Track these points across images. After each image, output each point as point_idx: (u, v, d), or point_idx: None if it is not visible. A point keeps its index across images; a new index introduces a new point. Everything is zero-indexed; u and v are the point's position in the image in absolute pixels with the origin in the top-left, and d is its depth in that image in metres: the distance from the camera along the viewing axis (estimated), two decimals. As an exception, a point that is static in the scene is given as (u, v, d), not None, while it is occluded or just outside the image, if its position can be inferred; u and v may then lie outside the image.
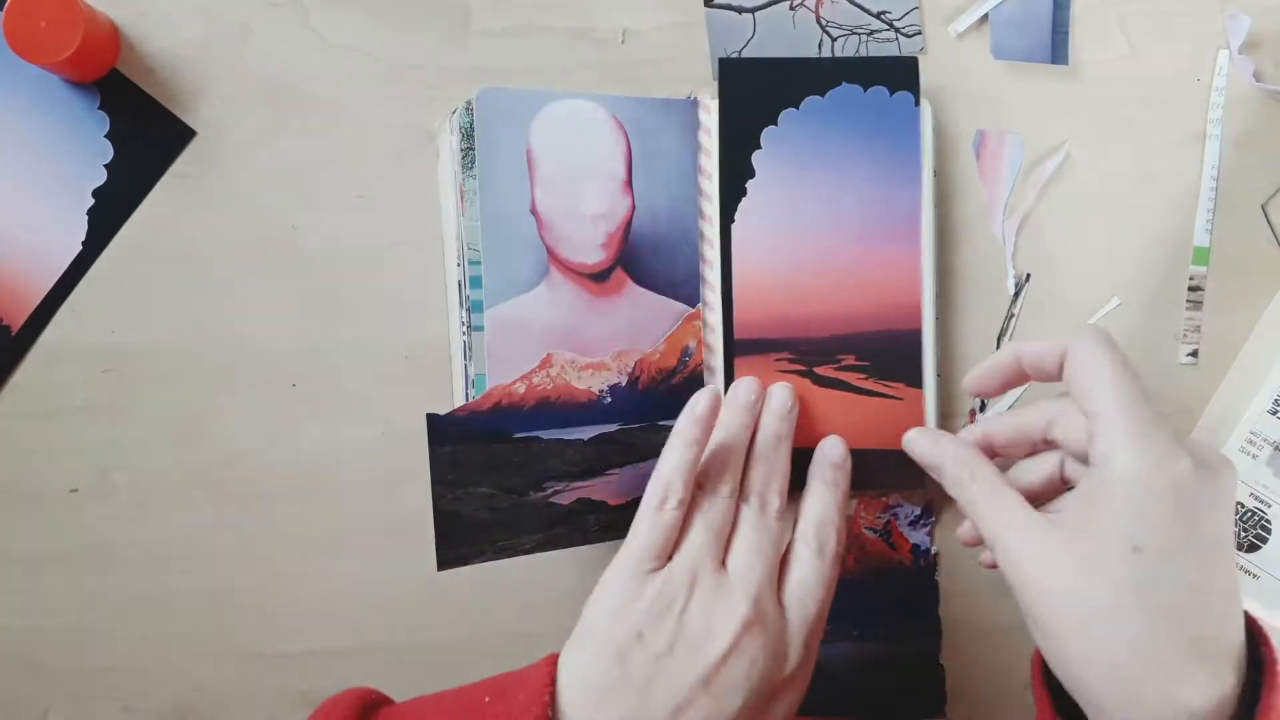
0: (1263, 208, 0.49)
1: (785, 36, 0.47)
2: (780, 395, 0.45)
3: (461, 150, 0.46)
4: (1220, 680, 0.34)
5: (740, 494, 0.42)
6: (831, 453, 0.45)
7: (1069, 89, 0.48)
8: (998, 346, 0.48)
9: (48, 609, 0.48)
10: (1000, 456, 0.42)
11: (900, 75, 0.45)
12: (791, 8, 0.47)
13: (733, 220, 0.46)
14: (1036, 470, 0.41)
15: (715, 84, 0.47)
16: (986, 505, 0.39)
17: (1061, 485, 0.41)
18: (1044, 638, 0.36)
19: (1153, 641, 0.34)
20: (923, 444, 0.42)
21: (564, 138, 0.46)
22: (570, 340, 0.46)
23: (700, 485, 0.41)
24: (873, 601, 0.48)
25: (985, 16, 0.48)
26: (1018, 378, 0.41)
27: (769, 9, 0.47)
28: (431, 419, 0.44)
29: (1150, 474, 0.35)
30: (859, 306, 0.46)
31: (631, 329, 0.46)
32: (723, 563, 0.40)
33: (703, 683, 0.37)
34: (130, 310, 0.47)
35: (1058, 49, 0.48)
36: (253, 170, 0.47)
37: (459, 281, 0.47)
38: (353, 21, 0.47)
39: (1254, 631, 0.36)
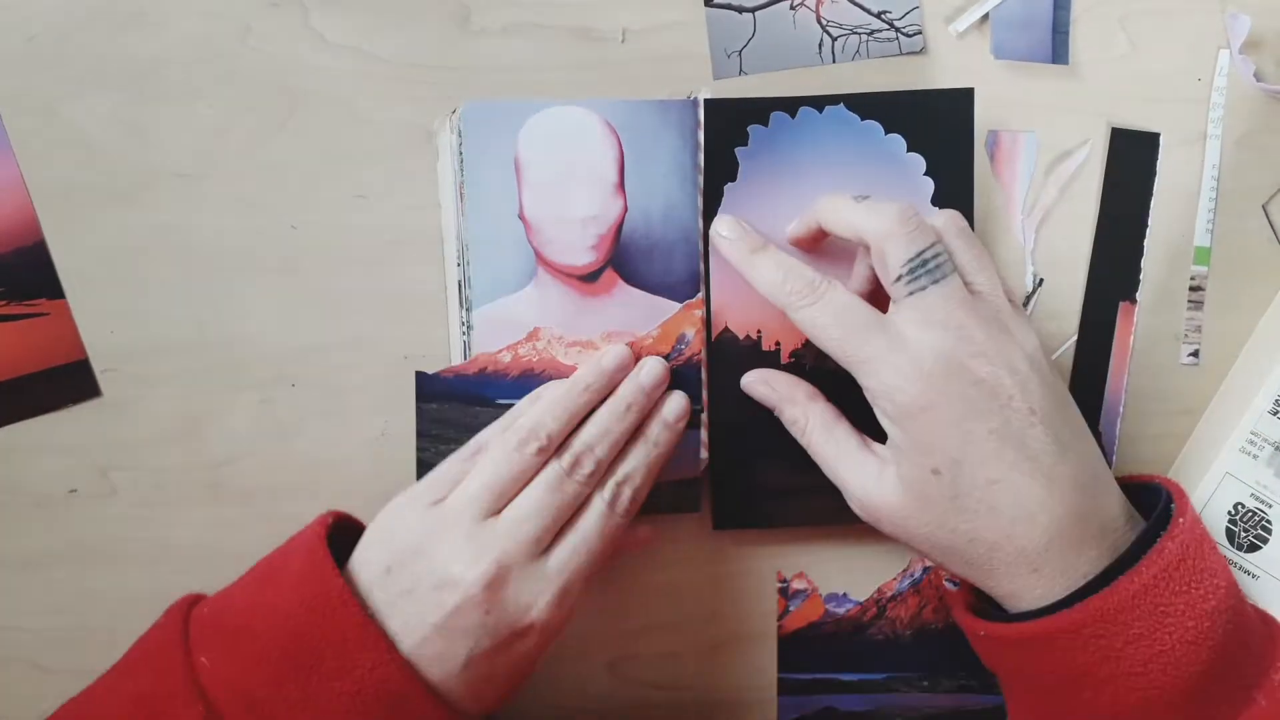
0: (1263, 208, 0.49)
1: (785, 36, 0.47)
2: (675, 402, 0.45)
3: (460, 150, 0.46)
4: (1102, 550, 0.39)
5: (558, 450, 0.42)
6: (667, 411, 0.45)
7: (1069, 88, 0.48)
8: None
9: (48, 609, 0.48)
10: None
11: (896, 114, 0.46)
12: (792, 7, 0.47)
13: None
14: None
15: (715, 84, 0.47)
16: (822, 443, 0.44)
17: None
18: (909, 548, 0.43)
19: (983, 539, 0.39)
20: (759, 385, 0.46)
21: (552, 144, 0.46)
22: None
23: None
24: (946, 653, 0.48)
25: (986, 16, 0.48)
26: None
27: (769, 9, 0.47)
28: (420, 376, 0.46)
29: (913, 416, 0.39)
30: None
31: (622, 328, 0.46)
32: (498, 511, 0.41)
33: (437, 626, 0.39)
34: (130, 310, 0.47)
35: (1058, 48, 0.48)
36: (253, 170, 0.47)
37: (459, 281, 0.47)
38: (353, 21, 0.47)
39: (1168, 487, 0.41)
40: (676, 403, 0.45)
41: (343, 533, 0.42)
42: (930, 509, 0.40)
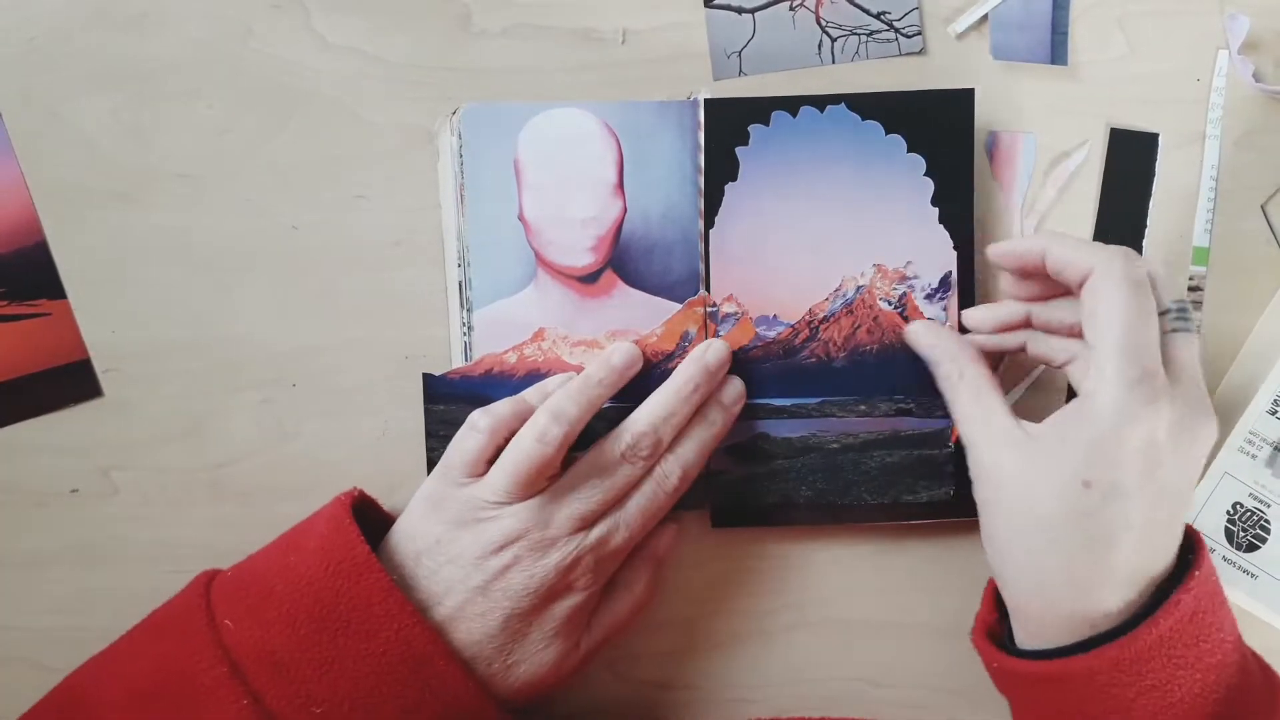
0: (1263, 208, 0.49)
1: (785, 37, 0.47)
2: (733, 387, 0.46)
3: (461, 152, 0.46)
4: (1131, 595, 0.38)
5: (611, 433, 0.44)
6: (725, 394, 0.45)
7: (1068, 89, 0.48)
8: (996, 366, 0.48)
9: (48, 609, 0.48)
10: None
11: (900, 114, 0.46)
12: (791, 8, 0.47)
13: (712, 225, 0.46)
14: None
15: (715, 84, 0.47)
16: (968, 403, 0.42)
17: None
18: (988, 539, 0.41)
19: (1080, 567, 0.38)
20: (925, 335, 0.45)
21: (551, 146, 0.46)
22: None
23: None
24: (882, 376, 0.47)
25: (985, 16, 0.48)
26: (1036, 271, 0.43)
27: (769, 9, 0.47)
28: (427, 378, 0.47)
29: (1126, 425, 0.37)
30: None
31: (622, 328, 0.47)
32: (534, 492, 0.42)
33: (479, 588, 0.41)
34: (130, 310, 0.48)
35: (1057, 49, 0.48)
36: (253, 170, 0.47)
37: (459, 282, 0.47)
38: (353, 22, 0.47)
39: (1189, 535, 0.40)
40: (735, 386, 0.46)
41: (365, 512, 0.44)
42: (1050, 506, 0.38)
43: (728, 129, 0.46)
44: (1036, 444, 0.39)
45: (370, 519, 0.44)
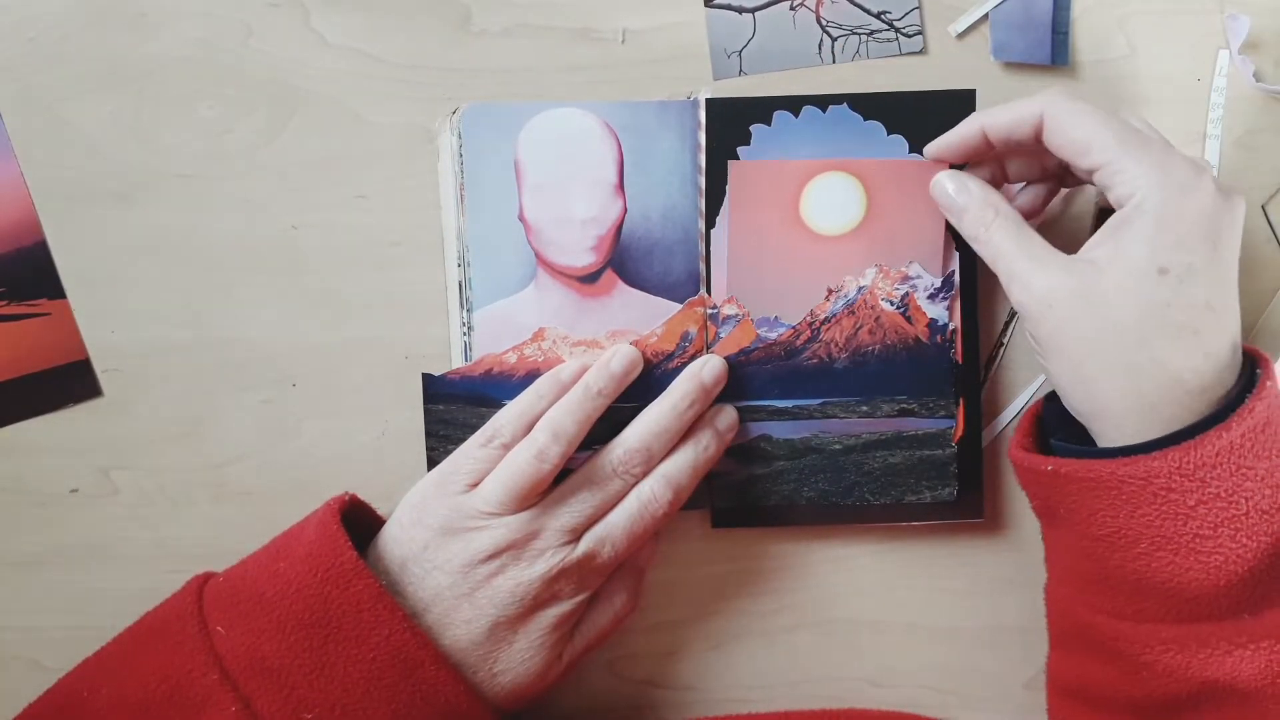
0: (1263, 208, 0.49)
1: (785, 36, 0.47)
2: (728, 414, 0.46)
3: (461, 152, 0.46)
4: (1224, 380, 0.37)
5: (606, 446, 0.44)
6: (720, 421, 0.46)
7: (1069, 89, 0.48)
8: (984, 376, 0.48)
9: (48, 609, 0.48)
10: (994, 152, 0.43)
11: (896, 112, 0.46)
12: (792, 8, 0.47)
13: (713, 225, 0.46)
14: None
15: (715, 84, 0.47)
16: (1007, 240, 0.40)
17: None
18: (1062, 365, 0.39)
19: (1173, 356, 0.37)
20: (949, 187, 0.43)
21: (552, 146, 0.46)
22: (570, 340, 0.47)
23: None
24: (884, 376, 0.47)
25: (985, 16, 0.48)
26: (982, 151, 0.43)
27: (769, 9, 0.47)
28: (426, 378, 0.47)
29: (1175, 199, 0.37)
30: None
31: (622, 329, 0.47)
32: (526, 506, 0.42)
33: (465, 595, 0.41)
34: (130, 310, 0.48)
35: (1058, 49, 0.48)
36: (253, 170, 0.47)
37: (459, 282, 0.47)
38: (353, 22, 0.47)
39: (1252, 355, 0.40)
40: (729, 414, 0.46)
41: (359, 516, 0.44)
42: (1127, 306, 0.37)
43: (730, 129, 0.46)
44: (1092, 260, 0.38)
45: (364, 523, 0.44)
